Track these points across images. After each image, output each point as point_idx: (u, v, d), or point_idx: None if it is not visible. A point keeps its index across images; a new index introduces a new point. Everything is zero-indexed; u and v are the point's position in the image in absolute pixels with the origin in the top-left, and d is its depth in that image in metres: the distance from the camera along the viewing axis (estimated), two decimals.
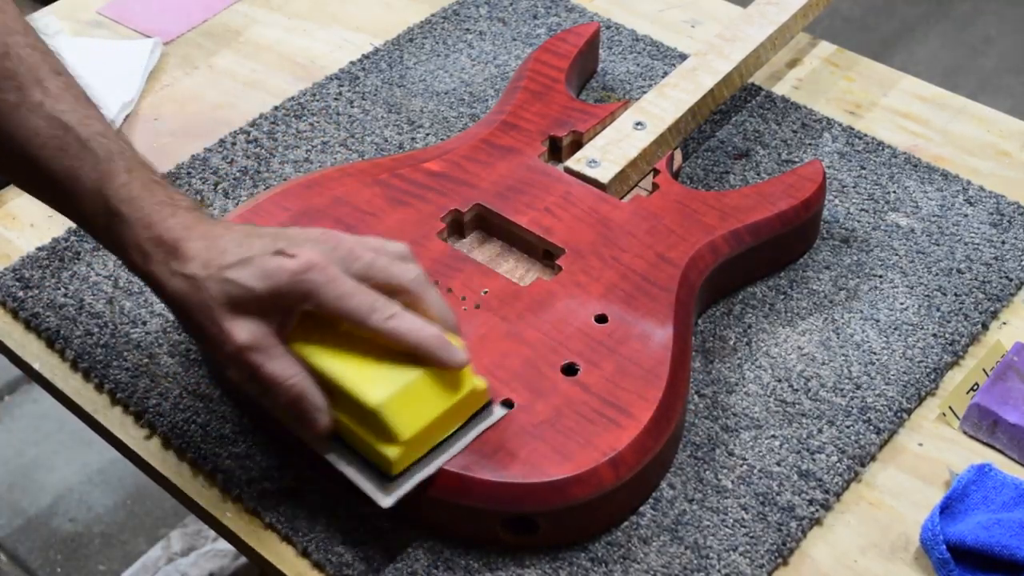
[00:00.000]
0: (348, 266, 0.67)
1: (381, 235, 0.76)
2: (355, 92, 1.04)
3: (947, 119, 1.02)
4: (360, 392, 0.67)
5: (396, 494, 0.68)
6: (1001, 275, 0.88)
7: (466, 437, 0.71)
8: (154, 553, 1.60)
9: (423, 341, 0.67)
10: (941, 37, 2.63)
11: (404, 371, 0.67)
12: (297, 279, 0.66)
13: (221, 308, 0.66)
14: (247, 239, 0.68)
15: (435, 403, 0.68)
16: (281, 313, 0.67)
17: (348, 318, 0.67)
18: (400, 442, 0.67)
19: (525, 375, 0.74)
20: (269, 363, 0.67)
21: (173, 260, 0.67)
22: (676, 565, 0.71)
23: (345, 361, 0.68)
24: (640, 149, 0.88)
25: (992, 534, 0.69)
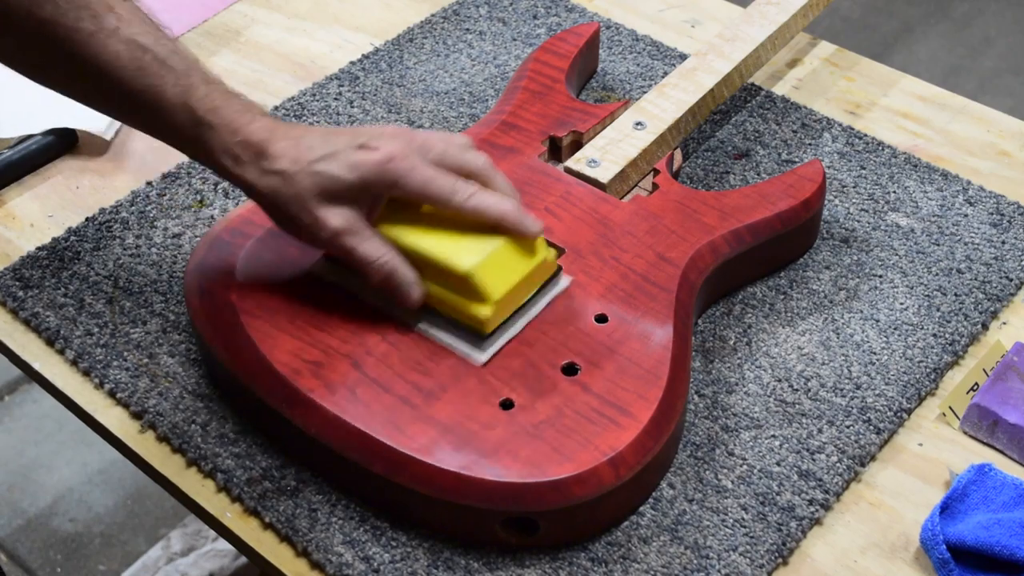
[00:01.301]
0: (424, 155, 0.75)
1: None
2: (355, 92, 1.04)
3: (947, 119, 1.02)
4: (452, 261, 0.74)
5: (489, 351, 0.75)
6: (1001, 275, 0.88)
7: (542, 301, 0.78)
8: (154, 553, 1.60)
9: (504, 214, 0.75)
10: (941, 37, 2.63)
11: (488, 240, 0.75)
12: (383, 168, 0.73)
13: (314, 198, 0.73)
14: (330, 136, 0.75)
15: (517, 267, 0.76)
16: (369, 200, 0.75)
17: (433, 200, 0.75)
18: (491, 302, 0.74)
19: (525, 375, 0.74)
20: (362, 244, 0.74)
21: (263, 160, 0.74)
22: (676, 565, 0.71)
23: (433, 237, 0.75)
24: (640, 149, 0.88)
25: (992, 534, 0.69)
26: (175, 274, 0.88)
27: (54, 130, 0.99)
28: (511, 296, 0.76)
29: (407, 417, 0.72)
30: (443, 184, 0.74)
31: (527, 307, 0.77)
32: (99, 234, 0.91)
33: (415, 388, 0.74)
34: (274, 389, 0.75)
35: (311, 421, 0.73)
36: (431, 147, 0.75)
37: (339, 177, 0.73)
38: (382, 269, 0.74)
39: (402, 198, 0.75)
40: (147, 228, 0.92)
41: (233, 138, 0.74)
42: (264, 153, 0.74)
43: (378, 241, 0.74)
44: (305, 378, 0.74)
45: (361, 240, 0.74)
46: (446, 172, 0.75)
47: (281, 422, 0.75)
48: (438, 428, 0.72)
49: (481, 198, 0.75)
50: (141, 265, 0.89)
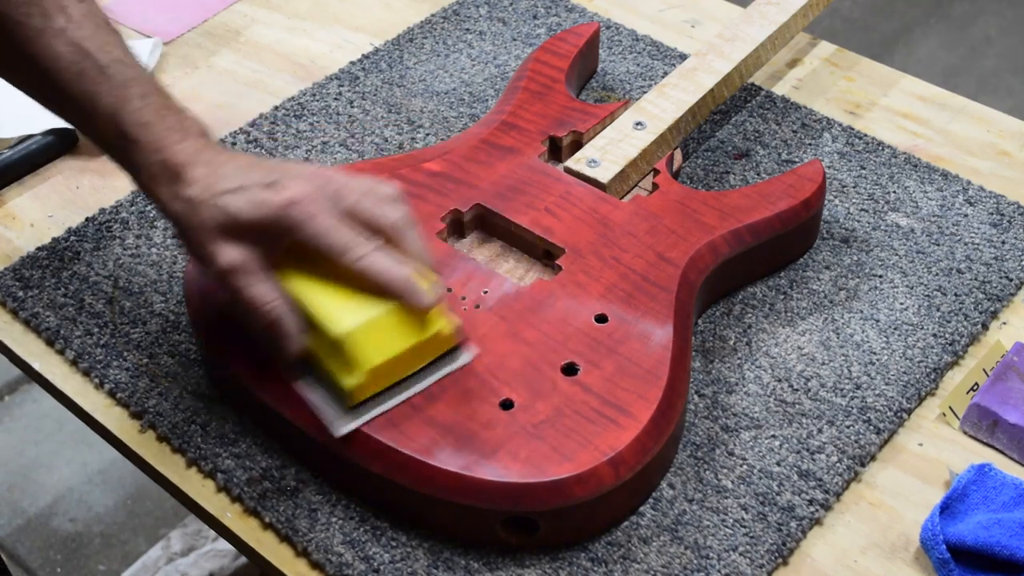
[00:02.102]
0: (336, 203, 0.72)
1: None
2: (355, 92, 1.04)
3: (947, 119, 1.02)
4: (327, 321, 0.70)
5: (351, 424, 0.71)
6: (1001, 275, 0.88)
7: (430, 378, 0.73)
8: (154, 553, 1.60)
9: (392, 281, 0.71)
10: (941, 37, 2.63)
11: (372, 306, 0.71)
12: (282, 212, 0.70)
13: (212, 231, 0.71)
14: (246, 169, 0.72)
15: (399, 340, 0.71)
16: (268, 242, 0.72)
17: (327, 252, 0.71)
18: (359, 372, 0.70)
19: (525, 375, 0.74)
20: (251, 287, 0.71)
21: (176, 184, 0.72)
22: (676, 565, 0.71)
23: (321, 292, 0.72)
24: (640, 149, 0.88)
25: (992, 534, 0.69)
26: (175, 274, 0.88)
27: (54, 130, 0.99)
28: (387, 368, 0.71)
29: (407, 417, 0.72)
30: (339, 238, 0.71)
31: (410, 381, 0.73)
32: (99, 234, 0.91)
33: None
34: (274, 389, 0.75)
35: (311, 421, 0.73)
36: (345, 196, 0.72)
37: (237, 214, 0.70)
38: (267, 316, 0.71)
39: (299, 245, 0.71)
40: (147, 228, 0.92)
41: (154, 156, 0.72)
42: (179, 176, 0.72)
43: (268, 286, 0.71)
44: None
45: (250, 282, 0.71)
46: (350, 225, 0.71)
47: (281, 422, 0.75)
48: (438, 428, 0.72)
49: (371, 260, 0.71)
50: (141, 265, 0.89)
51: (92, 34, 0.74)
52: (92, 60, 0.73)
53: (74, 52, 0.73)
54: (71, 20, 0.74)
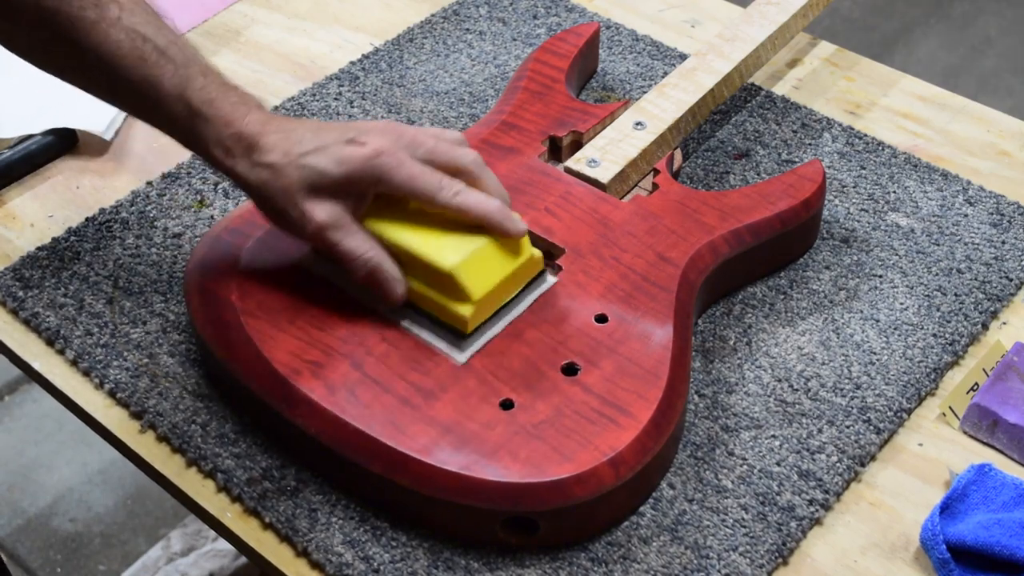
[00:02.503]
0: (413, 151, 0.75)
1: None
2: (355, 92, 1.04)
3: (947, 119, 1.02)
4: (435, 258, 0.74)
5: (469, 351, 0.75)
6: (1001, 275, 0.88)
7: (525, 301, 0.78)
8: (154, 553, 1.60)
9: (488, 212, 0.75)
10: (941, 37, 2.63)
11: (472, 239, 0.75)
12: (370, 163, 0.73)
13: (301, 191, 0.73)
14: (320, 131, 0.75)
15: (500, 267, 0.76)
16: (355, 195, 0.75)
17: (419, 196, 0.74)
18: (473, 301, 0.74)
19: (525, 375, 0.74)
20: (346, 239, 0.74)
21: (254, 152, 0.74)
22: (676, 565, 0.71)
23: (418, 234, 0.75)
24: (640, 149, 0.88)
25: (992, 534, 0.69)
26: (175, 274, 0.88)
27: (54, 130, 0.99)
28: (493, 295, 0.76)
29: (407, 417, 0.72)
30: (428, 181, 0.74)
31: (510, 306, 0.77)
32: (99, 234, 0.91)
33: (415, 388, 0.74)
34: (274, 389, 0.75)
35: (311, 421, 0.73)
36: (420, 143, 0.75)
37: (326, 171, 0.73)
38: (366, 265, 0.74)
39: (388, 194, 0.75)
40: (147, 228, 0.92)
41: (226, 130, 0.74)
42: (255, 146, 0.74)
43: (363, 236, 0.75)
44: (305, 378, 0.74)
45: (346, 235, 0.74)
46: (433, 169, 0.75)
47: (281, 422, 0.75)
48: (438, 428, 0.72)
49: (465, 196, 0.75)
50: (141, 265, 0.89)
51: (145, 19, 0.76)
52: (151, 44, 0.75)
53: (133, 38, 0.75)
54: (123, 8, 0.75)
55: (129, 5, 0.76)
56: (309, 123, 0.77)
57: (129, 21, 0.75)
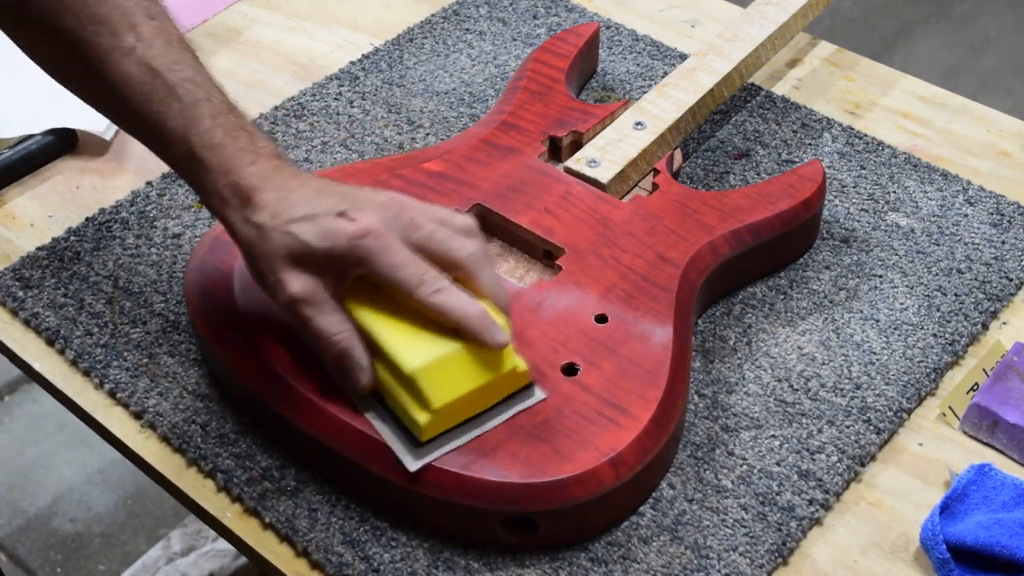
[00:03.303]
0: (408, 235, 0.70)
1: None
2: (355, 92, 1.04)
3: (947, 119, 1.02)
4: (399, 356, 0.69)
5: (423, 460, 0.70)
6: (1001, 275, 0.88)
7: (502, 415, 0.72)
8: (154, 553, 1.60)
9: (465, 319, 0.69)
10: (941, 37, 2.63)
11: (444, 342, 0.70)
12: (353, 243, 0.69)
13: (281, 259, 0.70)
14: (317, 196, 0.71)
15: (471, 377, 0.70)
16: (337, 272, 0.70)
17: (397, 287, 0.70)
18: (431, 410, 0.69)
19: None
20: (319, 317, 0.70)
21: (246, 208, 0.71)
22: (676, 565, 0.71)
23: (392, 325, 0.71)
24: (640, 149, 0.88)
25: (992, 534, 0.69)
26: (175, 274, 0.88)
27: (54, 130, 0.99)
28: (459, 405, 0.70)
29: None
30: (411, 272, 0.69)
31: (484, 417, 0.72)
32: (99, 234, 0.91)
33: None
34: (275, 389, 0.75)
35: (312, 422, 0.73)
36: (419, 227, 0.70)
37: (308, 243, 0.69)
38: (334, 347, 0.70)
39: (368, 278, 0.71)
40: (147, 228, 0.92)
41: (224, 179, 0.71)
42: (248, 201, 0.71)
43: (337, 317, 0.70)
44: (305, 378, 0.74)
45: (318, 312, 0.70)
46: (420, 259, 0.70)
47: (281, 422, 0.75)
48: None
49: (444, 297, 0.69)
50: (141, 265, 0.89)
51: (162, 53, 0.73)
52: (161, 80, 0.72)
53: (143, 72, 0.72)
54: (141, 39, 0.72)
55: (148, 36, 0.73)
56: (314, 183, 0.72)
57: (144, 53, 0.72)
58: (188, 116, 0.72)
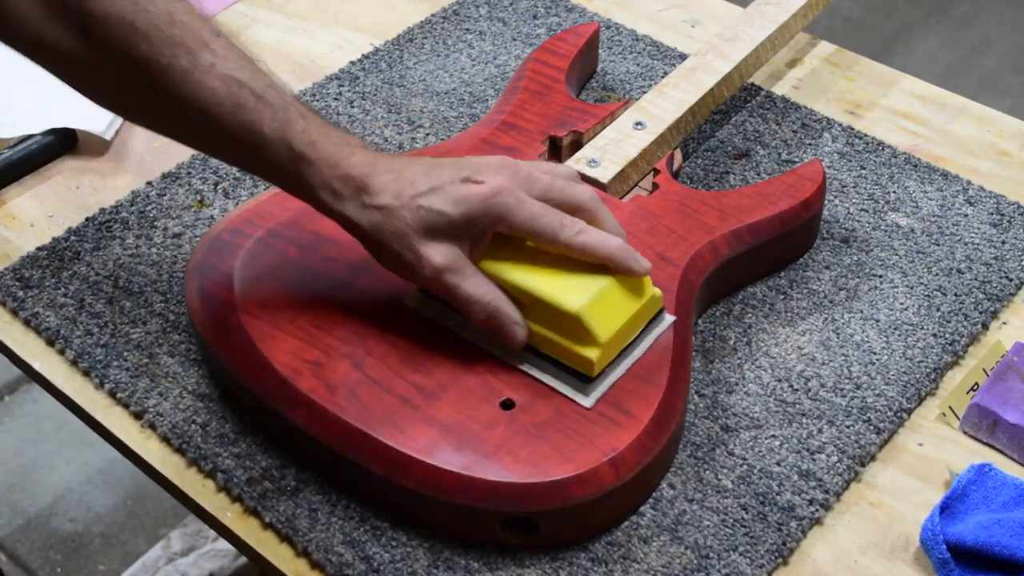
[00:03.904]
0: (530, 188, 0.73)
1: None
2: (355, 92, 1.04)
3: (947, 119, 1.02)
4: (560, 300, 0.71)
5: (595, 394, 0.72)
6: (1001, 275, 0.88)
7: (646, 340, 0.75)
8: (154, 553, 1.60)
9: (612, 252, 0.72)
10: (941, 37, 2.63)
11: (596, 279, 0.72)
12: (489, 203, 0.71)
13: (417, 234, 0.71)
14: (432, 169, 0.73)
15: (625, 307, 0.73)
16: (472, 236, 0.73)
17: (539, 236, 0.72)
18: (600, 344, 0.72)
19: (527, 374, 0.74)
20: (465, 283, 0.72)
21: (364, 195, 0.72)
22: (676, 565, 0.71)
23: (538, 275, 0.73)
24: (640, 149, 0.88)
25: (992, 534, 0.69)
26: (175, 274, 0.88)
27: (54, 130, 0.99)
28: (618, 337, 0.73)
29: (407, 417, 0.72)
30: (550, 220, 0.72)
31: (632, 347, 0.75)
32: (99, 234, 0.91)
33: (415, 388, 0.74)
34: (274, 389, 0.75)
35: (311, 421, 0.73)
36: (536, 180, 0.73)
37: (443, 212, 0.71)
38: (486, 308, 0.72)
39: (507, 234, 0.73)
40: (147, 228, 0.92)
41: (332, 172, 0.72)
42: (365, 187, 0.72)
43: (481, 279, 0.72)
44: (305, 378, 0.74)
45: (464, 278, 0.72)
46: (552, 208, 0.72)
47: (281, 422, 0.75)
48: (439, 428, 0.72)
49: (589, 235, 0.72)
50: (141, 265, 0.89)
51: (239, 65, 0.73)
52: (248, 89, 0.72)
53: (228, 85, 0.72)
54: (216, 54, 0.73)
55: (221, 51, 0.73)
56: (419, 161, 0.74)
57: (223, 67, 0.72)
58: (282, 119, 0.73)
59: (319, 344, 0.76)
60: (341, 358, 0.75)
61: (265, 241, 0.82)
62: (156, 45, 0.72)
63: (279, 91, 0.74)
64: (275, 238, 0.82)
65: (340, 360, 0.75)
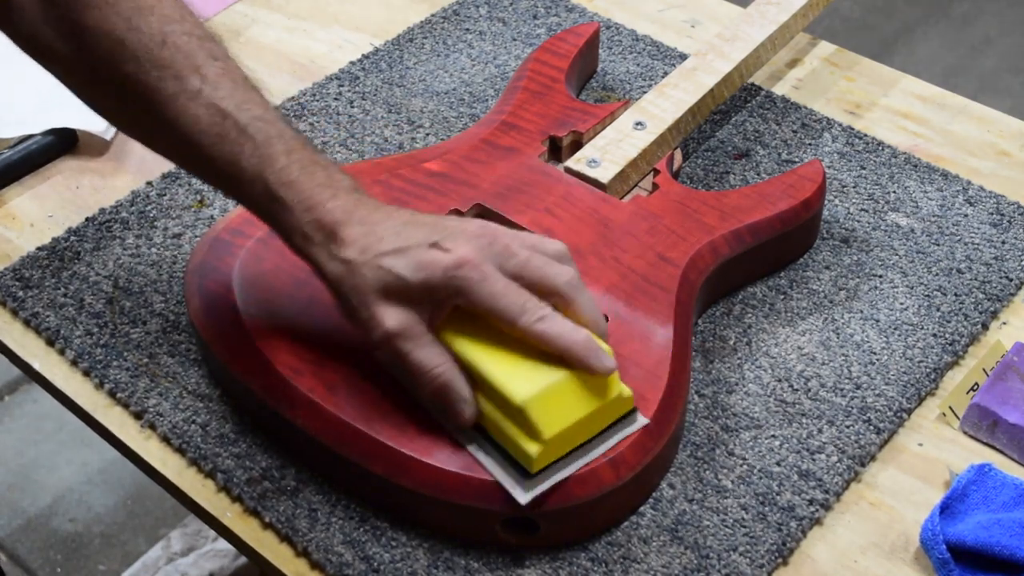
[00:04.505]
0: (503, 263, 0.69)
1: None
2: (355, 92, 1.04)
3: (947, 119, 1.02)
4: (506, 388, 0.67)
5: (533, 492, 0.68)
6: (1001, 275, 0.88)
7: (608, 442, 0.70)
8: (154, 553, 1.60)
9: (572, 346, 0.68)
10: (941, 37, 2.63)
11: (550, 371, 0.68)
12: (450, 275, 0.68)
13: (374, 294, 0.68)
14: (405, 228, 0.70)
15: (579, 405, 0.68)
16: (432, 304, 0.69)
17: (498, 316, 0.68)
18: (542, 440, 0.67)
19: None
20: (416, 351, 0.68)
21: (332, 244, 0.69)
22: (676, 565, 0.71)
23: (493, 355, 0.69)
24: (640, 149, 0.88)
25: (992, 534, 0.69)
26: (175, 274, 0.88)
27: (54, 130, 0.99)
28: (567, 434, 0.68)
29: (408, 417, 0.72)
30: (512, 302, 0.68)
31: (591, 445, 0.70)
32: (99, 234, 0.91)
33: None
34: (274, 389, 0.75)
35: (311, 421, 0.73)
36: (512, 255, 0.69)
37: (401, 276, 0.68)
38: (434, 381, 0.68)
39: (467, 308, 0.69)
40: (147, 228, 0.92)
41: (306, 216, 0.70)
42: (334, 237, 0.69)
43: (435, 349, 0.69)
44: (305, 378, 0.74)
45: (416, 346, 0.68)
46: (519, 288, 0.68)
47: (281, 422, 0.75)
48: (439, 428, 0.71)
49: (549, 324, 0.68)
50: (141, 265, 0.89)
51: (230, 93, 0.71)
52: (232, 120, 0.70)
53: (212, 114, 0.70)
54: (206, 81, 0.71)
55: (214, 78, 0.71)
56: (399, 215, 0.71)
57: (211, 95, 0.70)
58: (262, 155, 0.70)
59: (319, 344, 0.76)
60: (341, 358, 0.75)
61: (265, 241, 0.82)
62: (144, 66, 0.71)
63: (268, 124, 0.71)
64: (275, 238, 0.81)
65: (340, 360, 0.75)
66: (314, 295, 0.79)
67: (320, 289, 0.79)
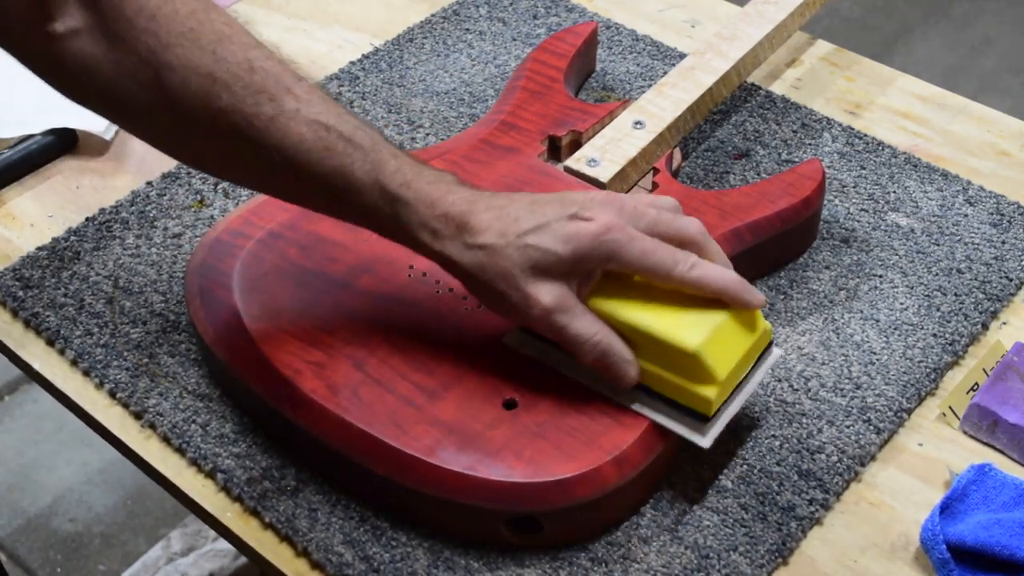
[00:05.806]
0: (637, 223, 0.70)
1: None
2: (355, 92, 1.04)
3: (947, 119, 1.02)
4: (676, 338, 0.69)
5: (712, 433, 0.71)
6: (1001, 275, 0.88)
7: (758, 374, 0.74)
8: (154, 553, 1.60)
9: (728, 285, 0.70)
10: (941, 37, 2.63)
11: (711, 314, 0.70)
12: (599, 240, 0.69)
13: (524, 273, 0.69)
14: (535, 206, 0.71)
15: (740, 342, 0.71)
16: (581, 274, 0.70)
17: (653, 272, 0.70)
18: (718, 381, 0.70)
19: (529, 374, 0.74)
20: (574, 322, 0.69)
21: (465, 234, 0.70)
22: (676, 565, 0.71)
23: (651, 312, 0.71)
24: (639, 148, 0.88)
25: (992, 534, 0.69)
26: (175, 274, 0.88)
27: (54, 130, 0.99)
28: (734, 373, 0.71)
29: (410, 418, 0.72)
30: (664, 256, 0.69)
31: (745, 382, 0.73)
32: (99, 234, 0.91)
33: (418, 388, 0.74)
34: (275, 390, 0.75)
35: (313, 422, 0.73)
36: (643, 214, 0.71)
37: (552, 251, 0.68)
38: (596, 348, 0.70)
39: (617, 271, 0.71)
40: (147, 228, 0.92)
41: (431, 212, 0.70)
42: (466, 226, 0.70)
43: (591, 318, 0.70)
44: (307, 379, 0.74)
45: (573, 318, 0.69)
46: (662, 242, 0.70)
47: (282, 423, 0.75)
48: (442, 428, 0.72)
49: (704, 270, 0.70)
50: (141, 265, 0.89)
51: (324, 108, 0.71)
52: (336, 132, 0.71)
53: (316, 129, 0.71)
54: (300, 99, 0.71)
55: (305, 96, 0.71)
56: (521, 197, 0.72)
57: (308, 112, 0.71)
58: (374, 161, 0.71)
59: (321, 344, 0.76)
60: (343, 358, 0.75)
61: (265, 242, 0.82)
62: (239, 94, 0.70)
63: (367, 132, 0.72)
64: (275, 239, 0.82)
65: (342, 360, 0.75)
66: (315, 295, 0.79)
67: (320, 289, 0.79)
